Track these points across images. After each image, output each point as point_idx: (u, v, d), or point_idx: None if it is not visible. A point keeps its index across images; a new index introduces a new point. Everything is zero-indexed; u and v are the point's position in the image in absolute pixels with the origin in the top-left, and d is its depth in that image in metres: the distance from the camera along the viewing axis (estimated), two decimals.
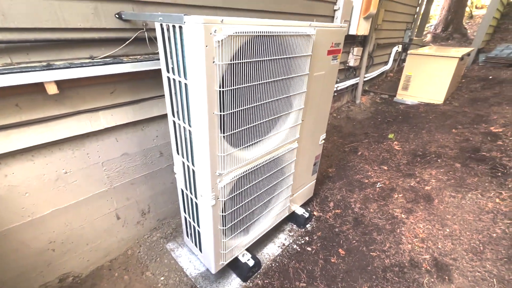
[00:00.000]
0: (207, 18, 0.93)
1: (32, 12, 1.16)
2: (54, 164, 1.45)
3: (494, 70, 5.86)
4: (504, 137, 3.11)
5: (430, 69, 4.30)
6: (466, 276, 1.74)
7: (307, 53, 1.44)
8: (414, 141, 3.35)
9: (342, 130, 3.84)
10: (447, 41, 9.36)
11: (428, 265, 1.84)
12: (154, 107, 1.75)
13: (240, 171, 1.39)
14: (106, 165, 1.67)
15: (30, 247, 1.50)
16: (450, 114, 3.93)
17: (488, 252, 1.88)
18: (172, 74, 1.19)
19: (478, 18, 10.68)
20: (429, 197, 2.42)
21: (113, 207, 1.80)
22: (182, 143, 1.37)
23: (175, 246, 2.00)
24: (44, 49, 1.24)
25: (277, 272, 1.83)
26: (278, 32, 1.20)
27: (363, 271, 1.83)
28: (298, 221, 2.21)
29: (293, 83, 1.47)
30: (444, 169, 2.75)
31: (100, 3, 1.34)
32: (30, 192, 1.42)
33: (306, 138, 1.85)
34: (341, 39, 1.72)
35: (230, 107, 1.16)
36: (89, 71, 1.30)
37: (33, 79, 1.15)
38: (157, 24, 1.14)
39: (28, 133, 1.31)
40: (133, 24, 1.47)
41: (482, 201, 2.30)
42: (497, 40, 7.97)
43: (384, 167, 2.92)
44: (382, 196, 2.50)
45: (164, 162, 1.98)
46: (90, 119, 1.49)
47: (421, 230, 2.10)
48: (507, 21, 8.63)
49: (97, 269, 1.83)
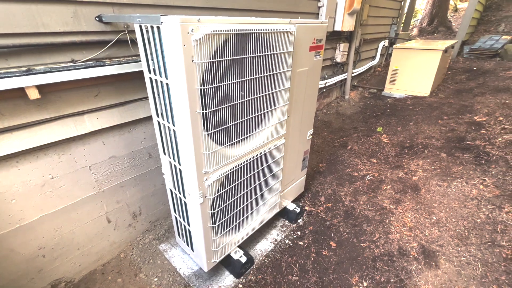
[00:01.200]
0: (184, 17, 0.94)
1: (9, 18, 1.16)
2: (40, 169, 1.44)
3: (478, 61, 6.00)
4: (487, 125, 3.20)
5: (416, 63, 4.39)
6: (452, 261, 1.80)
7: (288, 49, 1.46)
8: (402, 134, 3.42)
9: (332, 126, 3.89)
10: (433, 34, 9.53)
11: (416, 252, 1.89)
12: (140, 108, 1.75)
13: (227, 168, 1.41)
14: (93, 168, 1.67)
15: (19, 254, 1.49)
16: (436, 105, 4.02)
17: (473, 237, 1.94)
18: (154, 74, 1.20)
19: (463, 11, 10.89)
20: (417, 187, 2.48)
21: (103, 211, 1.80)
22: (167, 143, 1.38)
23: (168, 247, 2.00)
24: (23, 54, 1.24)
25: (270, 267, 1.86)
26: (258, 30, 1.22)
27: (353, 261, 1.87)
28: (290, 217, 2.24)
29: (277, 80, 1.49)
30: (431, 159, 2.81)
31: (79, 7, 1.34)
32: (17, 198, 1.41)
33: (293, 133, 1.88)
34: (323, 35, 1.75)
35: (213, 105, 1.18)
36: (70, 74, 1.30)
37: (13, 85, 1.15)
38: (136, 25, 1.15)
39: (12, 139, 1.30)
40: (114, 26, 1.47)
41: (466, 189, 2.37)
42: (481, 32, 8.15)
43: (373, 160, 2.98)
44: (372, 188, 2.55)
45: (153, 163, 1.98)
46: (75, 123, 1.49)
47: (409, 219, 2.16)
48: (490, 13, 8.84)
49: (90, 273, 1.83)
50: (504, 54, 5.76)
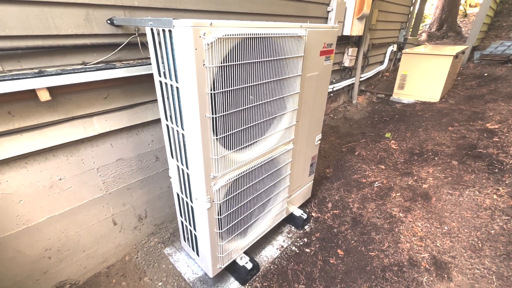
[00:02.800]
0: (196, 21, 0.93)
1: (23, 20, 1.17)
2: (48, 171, 1.45)
3: (489, 67, 5.89)
4: (500, 133, 3.12)
5: (425, 68, 4.33)
6: (465, 273, 1.74)
7: (299, 54, 1.44)
8: (411, 140, 3.36)
9: (339, 131, 3.85)
10: (442, 39, 9.41)
11: (427, 263, 1.83)
12: (148, 111, 1.75)
13: (234, 173, 1.39)
14: (101, 170, 1.66)
15: (25, 255, 1.49)
16: (446, 112, 3.94)
17: (487, 249, 1.87)
18: (164, 78, 1.20)
19: (472, 16, 10.76)
20: (427, 195, 2.42)
21: (109, 213, 1.80)
22: (176, 146, 1.37)
23: (173, 251, 1.98)
24: (35, 56, 1.25)
25: (276, 274, 1.82)
26: (269, 34, 1.21)
27: (362, 271, 1.82)
28: (296, 223, 2.20)
29: (286, 84, 1.47)
30: (441, 167, 2.75)
31: (91, 10, 1.35)
32: (25, 199, 1.41)
33: (301, 139, 1.85)
34: (333, 39, 1.73)
35: (222, 109, 1.16)
36: (81, 77, 1.30)
37: (25, 86, 1.16)
38: (147, 28, 1.14)
39: (22, 141, 1.30)
40: (125, 29, 1.48)
41: (479, 198, 2.30)
42: (492, 37, 8.02)
43: (381, 166, 2.92)
44: (380, 195, 2.50)
45: (160, 166, 1.98)
46: (84, 125, 1.49)
47: (419, 229, 2.10)
48: (501, 19, 8.70)
49: (95, 276, 1.82)
50: None
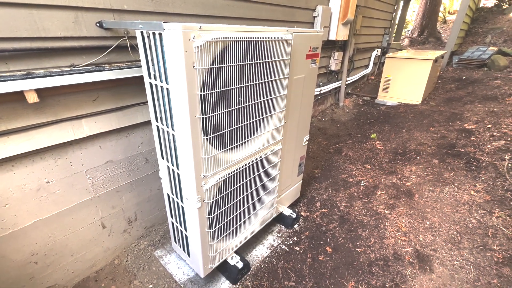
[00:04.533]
0: (186, 25, 0.97)
1: (10, 22, 1.17)
2: (35, 173, 1.43)
3: (466, 71, 6.20)
4: (477, 133, 3.30)
5: (408, 71, 4.51)
6: (445, 265, 1.83)
7: (285, 57, 1.50)
8: (395, 140, 3.49)
9: (326, 132, 3.94)
10: (423, 44, 9.81)
11: (410, 257, 1.91)
12: (138, 113, 1.76)
13: (225, 173, 1.42)
14: (90, 173, 1.65)
15: (11, 260, 1.46)
16: (427, 113, 4.12)
17: (465, 241, 1.98)
18: (154, 80, 1.22)
19: (451, 22, 11.29)
20: (410, 193, 2.52)
21: (98, 216, 1.78)
22: (166, 147, 1.39)
23: (164, 253, 1.98)
24: (23, 58, 1.24)
25: (267, 273, 1.85)
26: (256, 38, 1.26)
27: (349, 266, 1.88)
28: (286, 222, 2.24)
29: (274, 86, 1.53)
30: (423, 165, 2.87)
31: (80, 12, 1.36)
32: (11, 203, 1.39)
33: (289, 139, 1.91)
34: (319, 43, 1.80)
35: (212, 110, 1.20)
36: (70, 79, 1.30)
37: (12, 88, 1.15)
38: (137, 32, 1.17)
39: (8, 143, 1.29)
40: (114, 32, 1.49)
41: (458, 194, 2.42)
42: (469, 43, 8.44)
43: (367, 166, 3.02)
44: (366, 193, 2.59)
45: (150, 168, 1.98)
46: (73, 127, 1.49)
47: (403, 224, 2.19)
48: (477, 25, 9.18)
49: (83, 280, 1.79)
50: (491, 64, 5.97)
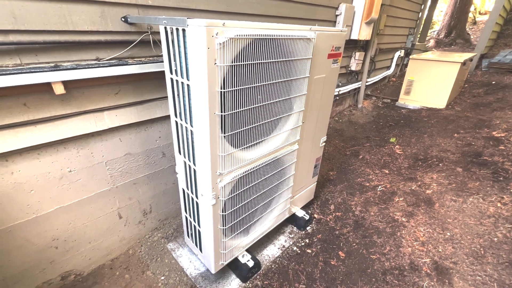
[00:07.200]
0: (209, 21, 0.96)
1: (42, 15, 1.21)
2: (59, 162, 1.49)
3: (497, 75, 5.85)
4: (506, 142, 3.10)
5: (432, 74, 4.31)
6: (466, 280, 1.74)
7: (307, 56, 1.46)
8: (415, 145, 3.35)
9: (343, 134, 3.85)
10: (450, 46, 9.36)
11: (428, 268, 1.83)
12: (157, 108, 1.79)
13: (240, 171, 1.41)
14: (109, 164, 1.70)
15: (33, 244, 1.53)
16: (452, 118, 3.92)
17: (489, 256, 1.87)
18: (175, 75, 1.23)
19: (481, 24, 10.68)
20: (430, 201, 2.42)
21: (115, 206, 1.83)
22: (184, 143, 1.40)
23: (176, 246, 2.01)
24: (52, 50, 1.29)
25: (277, 273, 1.84)
26: (279, 36, 1.23)
27: (363, 273, 1.83)
28: (299, 223, 2.22)
29: (294, 86, 1.50)
30: (446, 173, 2.74)
31: (107, 7, 1.39)
32: (35, 189, 1.45)
33: (306, 140, 1.87)
34: (342, 43, 1.74)
35: (231, 108, 1.19)
36: (95, 72, 1.34)
37: (41, 79, 1.20)
38: (161, 27, 1.17)
39: (35, 132, 1.34)
40: (138, 27, 1.52)
41: (483, 205, 2.29)
42: (500, 45, 7.95)
43: (385, 170, 2.92)
44: (383, 199, 2.50)
45: (167, 162, 2.01)
46: (95, 119, 1.53)
47: (421, 234, 2.10)
48: (511, 27, 8.62)
49: (99, 267, 1.85)
50: None
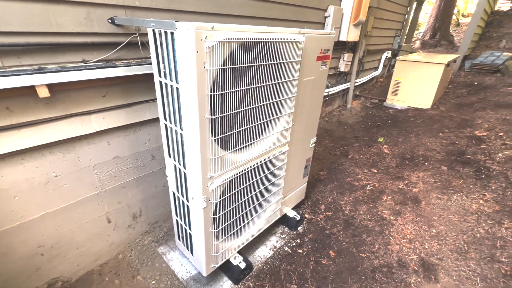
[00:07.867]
0: (198, 24, 0.96)
1: (25, 16, 1.17)
2: (44, 167, 1.45)
3: (479, 76, 6.07)
4: (488, 140, 3.23)
5: (418, 75, 4.43)
6: (451, 275, 1.80)
7: (296, 59, 1.48)
8: (403, 145, 3.44)
9: (333, 134, 3.91)
10: (435, 47, 9.64)
11: (415, 265, 1.88)
12: (146, 110, 1.76)
13: (231, 173, 1.42)
14: (97, 168, 1.67)
15: (19, 251, 1.48)
16: (437, 118, 4.05)
17: (472, 252, 1.94)
18: (164, 78, 1.22)
19: (464, 25, 11.05)
20: (417, 199, 2.49)
21: (104, 211, 1.80)
22: (173, 146, 1.39)
23: (167, 250, 1.99)
24: (36, 52, 1.25)
25: (269, 274, 1.85)
26: (268, 39, 1.24)
27: (353, 272, 1.87)
28: (290, 224, 2.23)
29: (284, 88, 1.51)
30: (431, 172, 2.82)
31: (93, 8, 1.36)
32: (20, 195, 1.41)
33: (296, 141, 1.89)
34: (330, 45, 1.77)
35: (221, 110, 1.19)
36: (81, 74, 1.31)
37: (24, 83, 1.16)
38: (149, 29, 1.16)
39: (19, 136, 1.30)
40: (125, 29, 1.49)
41: (467, 203, 2.37)
42: (482, 47, 8.26)
43: (374, 170, 2.99)
44: (372, 198, 2.56)
45: (156, 165, 1.99)
46: (82, 122, 1.50)
47: (408, 231, 2.16)
48: (492, 29, 8.97)
49: (87, 273, 1.81)
50: (505, 70, 5.82)
